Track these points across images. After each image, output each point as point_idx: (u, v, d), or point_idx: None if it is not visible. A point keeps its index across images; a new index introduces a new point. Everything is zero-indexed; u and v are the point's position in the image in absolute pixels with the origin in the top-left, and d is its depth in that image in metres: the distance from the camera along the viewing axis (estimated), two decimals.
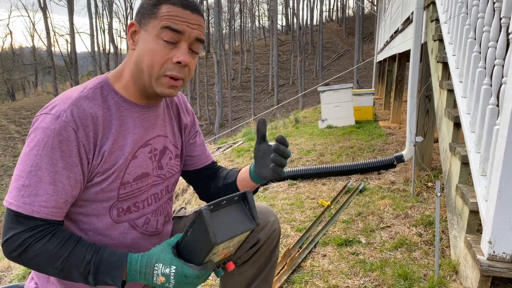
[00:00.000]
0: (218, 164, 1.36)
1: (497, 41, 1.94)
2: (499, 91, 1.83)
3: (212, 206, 0.91)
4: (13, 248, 0.89)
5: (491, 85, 1.95)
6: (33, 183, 0.89)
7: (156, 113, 1.09)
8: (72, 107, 0.92)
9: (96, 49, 26.50)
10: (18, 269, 2.72)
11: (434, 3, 3.55)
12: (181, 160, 1.24)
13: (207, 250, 0.88)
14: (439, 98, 2.98)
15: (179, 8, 0.95)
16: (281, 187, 3.82)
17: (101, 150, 0.96)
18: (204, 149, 1.30)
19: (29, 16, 64.00)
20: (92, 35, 24.82)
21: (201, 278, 0.90)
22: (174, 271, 0.89)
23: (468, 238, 1.85)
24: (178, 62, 0.96)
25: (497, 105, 1.87)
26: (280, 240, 2.04)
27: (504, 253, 1.63)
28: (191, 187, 3.17)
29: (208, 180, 1.30)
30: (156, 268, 0.90)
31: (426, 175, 3.56)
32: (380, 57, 10.18)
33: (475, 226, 1.94)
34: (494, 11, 2.05)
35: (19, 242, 0.89)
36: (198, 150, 1.27)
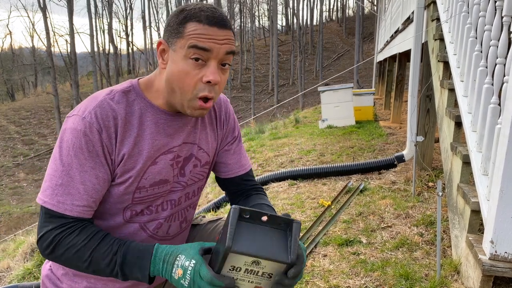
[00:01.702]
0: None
1: (498, 40, 1.93)
2: (500, 90, 1.83)
3: (248, 215, 0.82)
4: (45, 246, 0.93)
5: (492, 84, 1.95)
6: (65, 182, 0.93)
7: (185, 121, 1.07)
8: (96, 108, 0.95)
9: (95, 49, 26.50)
10: (18, 269, 2.71)
11: (434, 3, 3.54)
12: (210, 167, 1.20)
13: (222, 255, 0.79)
14: (440, 98, 2.97)
15: (205, 26, 0.92)
16: (282, 187, 3.81)
17: (120, 153, 0.97)
18: (239, 157, 1.23)
19: (28, 17, 63.88)
20: (91, 35, 24.81)
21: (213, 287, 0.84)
22: (192, 265, 0.86)
23: (469, 238, 1.84)
24: (208, 82, 0.94)
25: (499, 104, 1.86)
26: None
27: (506, 252, 1.62)
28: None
29: (236, 194, 1.24)
30: (178, 259, 0.88)
31: (427, 175, 3.55)
32: (380, 57, 10.18)
33: (476, 226, 1.93)
34: (495, 10, 2.05)
35: (50, 239, 0.92)
36: (232, 158, 1.22)
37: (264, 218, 0.83)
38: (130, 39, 35.54)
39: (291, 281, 0.85)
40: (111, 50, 31.47)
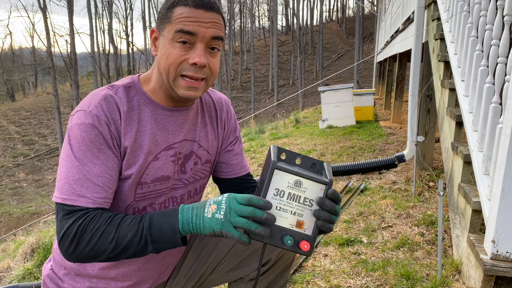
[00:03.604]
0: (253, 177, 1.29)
1: (499, 39, 1.93)
2: (502, 89, 1.82)
3: (284, 156, 0.87)
4: (69, 241, 0.89)
5: (493, 84, 1.94)
6: (83, 176, 0.91)
7: (184, 117, 1.08)
8: (102, 102, 0.96)
9: (96, 49, 26.48)
10: (18, 269, 2.71)
11: (435, 2, 3.54)
12: (212, 166, 1.20)
13: (268, 174, 0.82)
14: (441, 97, 2.96)
15: (192, 8, 0.93)
16: None
17: (123, 146, 0.98)
18: (242, 158, 1.24)
19: (28, 17, 63.80)
20: (92, 35, 24.81)
21: (254, 210, 0.82)
22: (226, 196, 0.86)
23: (471, 238, 1.84)
24: (194, 64, 0.95)
25: (500, 104, 1.85)
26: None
27: (507, 252, 1.61)
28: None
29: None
30: (208, 201, 0.88)
31: (428, 174, 3.54)
32: (381, 57, 10.17)
33: (478, 226, 1.92)
34: (496, 9, 2.04)
35: (74, 232, 0.89)
36: (235, 159, 1.22)
37: (298, 160, 0.89)
38: (130, 39, 35.53)
39: (331, 203, 0.86)
40: (111, 50, 31.43)
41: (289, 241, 0.85)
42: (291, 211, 0.87)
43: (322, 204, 0.86)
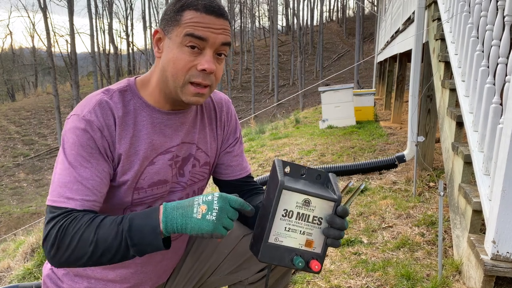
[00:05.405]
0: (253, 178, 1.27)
1: (500, 40, 1.93)
2: (502, 89, 1.82)
3: (288, 169, 0.85)
4: (51, 244, 0.86)
5: (494, 84, 1.94)
6: (73, 179, 0.91)
7: (182, 119, 1.06)
8: (96, 107, 0.95)
9: (96, 49, 26.52)
10: (18, 269, 2.71)
11: (435, 2, 3.54)
12: (211, 168, 1.19)
13: (276, 195, 0.80)
14: (441, 98, 2.96)
15: (203, 14, 0.92)
16: None
17: (118, 152, 0.97)
18: (241, 160, 1.22)
19: (29, 17, 63.88)
20: (92, 35, 24.84)
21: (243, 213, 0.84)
22: (217, 196, 0.85)
23: (471, 238, 1.84)
24: (203, 70, 0.94)
25: (501, 104, 1.85)
26: None
27: (508, 252, 1.61)
28: None
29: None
30: (196, 199, 0.86)
31: (428, 175, 3.54)
32: (381, 57, 10.17)
33: (478, 226, 1.92)
34: (497, 9, 2.04)
35: (55, 233, 0.86)
36: (234, 160, 1.20)
37: (302, 172, 0.88)
38: (130, 39, 35.56)
39: (341, 220, 0.85)
40: (112, 51, 31.46)
41: (300, 264, 0.84)
42: (300, 231, 0.85)
43: (332, 222, 0.84)
